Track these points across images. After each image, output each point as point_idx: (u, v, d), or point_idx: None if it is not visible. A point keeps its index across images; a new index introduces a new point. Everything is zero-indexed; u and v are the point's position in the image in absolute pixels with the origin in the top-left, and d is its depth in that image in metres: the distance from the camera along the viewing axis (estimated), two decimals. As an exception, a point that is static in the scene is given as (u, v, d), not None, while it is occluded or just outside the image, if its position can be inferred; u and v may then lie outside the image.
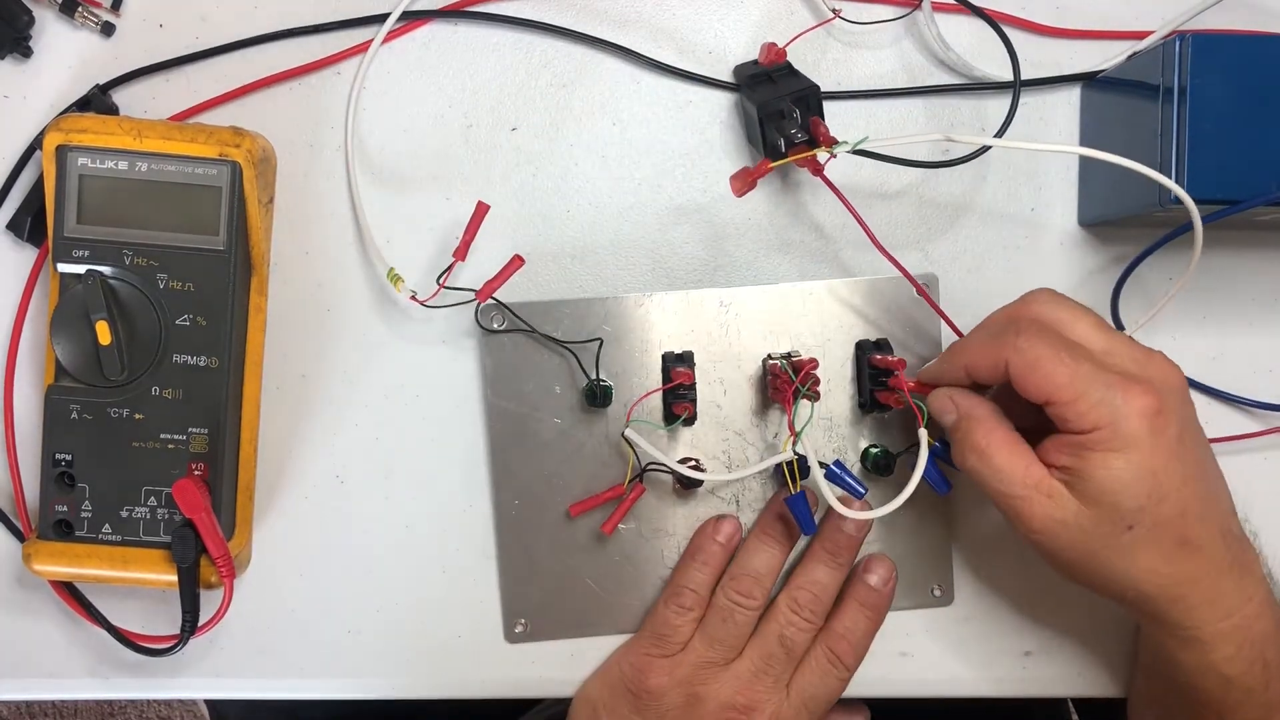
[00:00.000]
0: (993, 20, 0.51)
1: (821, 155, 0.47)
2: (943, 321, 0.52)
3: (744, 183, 0.48)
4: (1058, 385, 0.43)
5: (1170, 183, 0.46)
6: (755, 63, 0.52)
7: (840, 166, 0.53)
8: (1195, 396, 0.55)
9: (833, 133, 0.49)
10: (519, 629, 0.54)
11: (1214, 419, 0.55)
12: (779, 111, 0.49)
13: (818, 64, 0.53)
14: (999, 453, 0.45)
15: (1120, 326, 0.53)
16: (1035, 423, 0.45)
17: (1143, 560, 0.44)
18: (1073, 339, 0.44)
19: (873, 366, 0.52)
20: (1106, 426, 0.42)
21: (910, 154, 0.51)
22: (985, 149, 0.50)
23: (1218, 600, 0.44)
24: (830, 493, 0.47)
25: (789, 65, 0.51)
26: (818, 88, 0.50)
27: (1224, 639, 0.45)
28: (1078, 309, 0.46)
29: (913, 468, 0.48)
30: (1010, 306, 0.47)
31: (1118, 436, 0.42)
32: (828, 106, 0.51)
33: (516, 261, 0.50)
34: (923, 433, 0.48)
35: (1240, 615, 0.45)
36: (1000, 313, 0.47)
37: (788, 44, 0.51)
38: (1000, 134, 0.50)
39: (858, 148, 0.47)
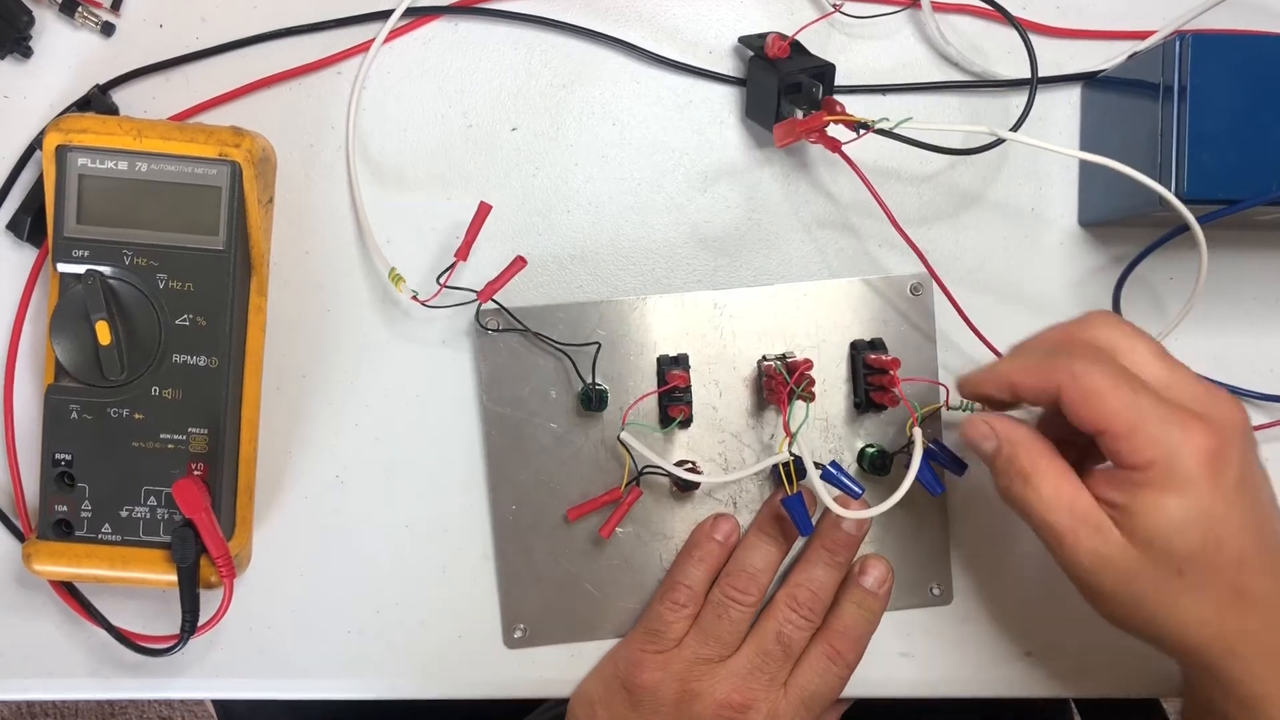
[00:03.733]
0: (1012, 18, 0.51)
1: (850, 132, 0.47)
2: (937, 322, 0.52)
3: (789, 132, 0.47)
4: (1113, 415, 0.41)
5: (1170, 194, 0.46)
6: (760, 38, 0.52)
7: (836, 161, 0.53)
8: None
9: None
10: (518, 634, 0.54)
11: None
12: (796, 85, 0.49)
13: (820, 54, 0.53)
14: (1045, 480, 0.43)
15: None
16: (1078, 452, 0.44)
17: (1193, 609, 0.41)
18: (1130, 368, 0.42)
19: (868, 366, 0.52)
20: (1162, 464, 0.40)
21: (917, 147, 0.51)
22: (1000, 140, 0.49)
23: (1276, 656, 0.42)
24: (826, 493, 0.48)
25: (800, 45, 0.51)
26: (833, 66, 0.50)
27: (1262, 702, 0.42)
28: (1137, 336, 0.44)
29: (908, 467, 0.48)
30: (1064, 327, 0.45)
31: (1173, 476, 0.40)
32: (829, 100, 0.51)
33: (519, 263, 0.50)
34: (917, 432, 0.48)
35: None
36: (1053, 331, 0.46)
37: (794, 35, 0.50)
38: (1016, 128, 0.50)
39: (896, 129, 0.46)
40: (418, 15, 0.52)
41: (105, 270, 0.48)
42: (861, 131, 0.47)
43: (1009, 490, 0.44)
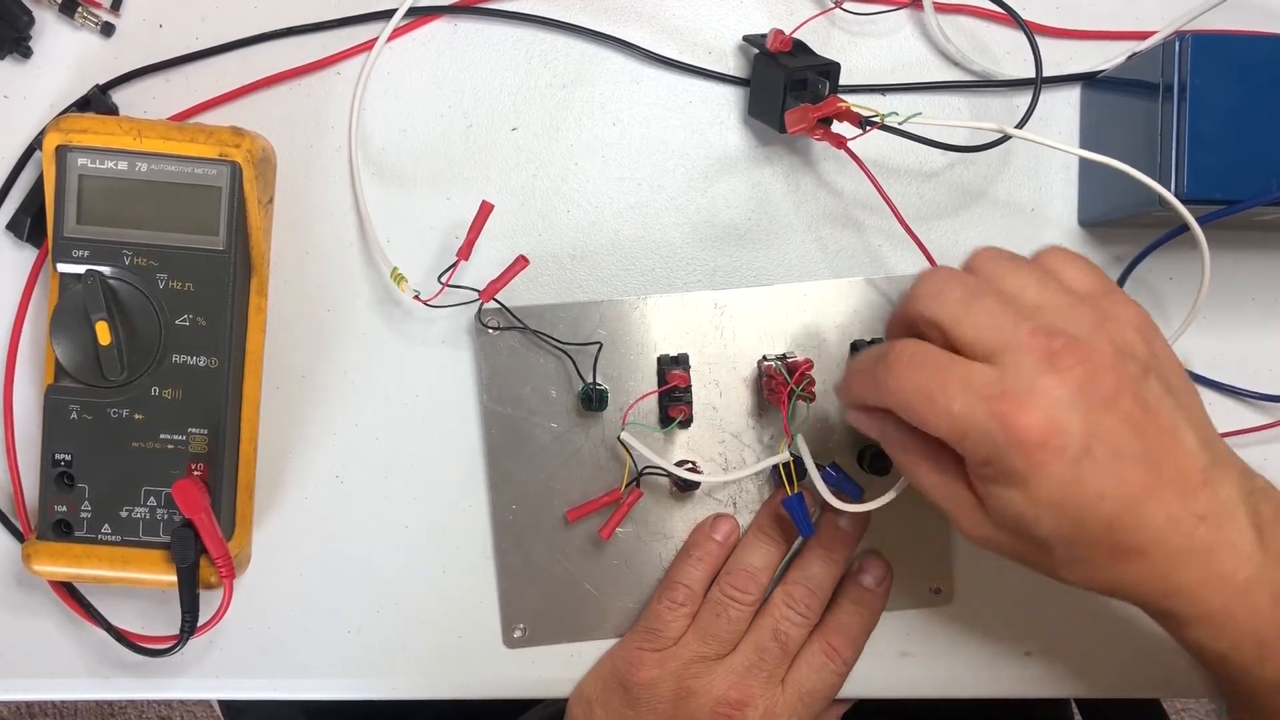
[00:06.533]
0: (1018, 18, 0.51)
1: (855, 129, 0.47)
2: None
3: (802, 119, 0.47)
4: (935, 429, 0.40)
5: (1169, 194, 0.46)
6: (764, 37, 0.52)
7: (838, 161, 0.53)
8: (1200, 392, 0.55)
9: (837, 123, 0.49)
10: (518, 634, 0.54)
11: (1218, 413, 0.55)
12: (802, 81, 0.49)
13: (822, 54, 0.53)
14: (918, 473, 0.43)
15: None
16: None
17: (1077, 572, 0.41)
18: (964, 338, 0.40)
19: (870, 367, 0.51)
20: (993, 464, 0.39)
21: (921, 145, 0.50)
22: (1005, 138, 0.49)
23: (1177, 592, 0.40)
24: (825, 488, 0.48)
25: (803, 44, 0.51)
26: (838, 64, 0.50)
27: (1198, 622, 0.41)
28: (969, 292, 0.41)
29: None
30: (893, 314, 0.44)
31: (1005, 473, 0.39)
32: (828, 98, 0.51)
33: (521, 262, 0.50)
34: None
35: (1213, 601, 0.40)
36: (892, 322, 0.45)
37: (795, 30, 0.51)
38: (1020, 126, 0.50)
39: (904, 124, 0.47)
40: (418, 15, 0.52)
41: (105, 270, 0.48)
42: (868, 127, 0.47)
43: (905, 475, 0.45)
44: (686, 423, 0.52)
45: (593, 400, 0.51)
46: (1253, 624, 0.41)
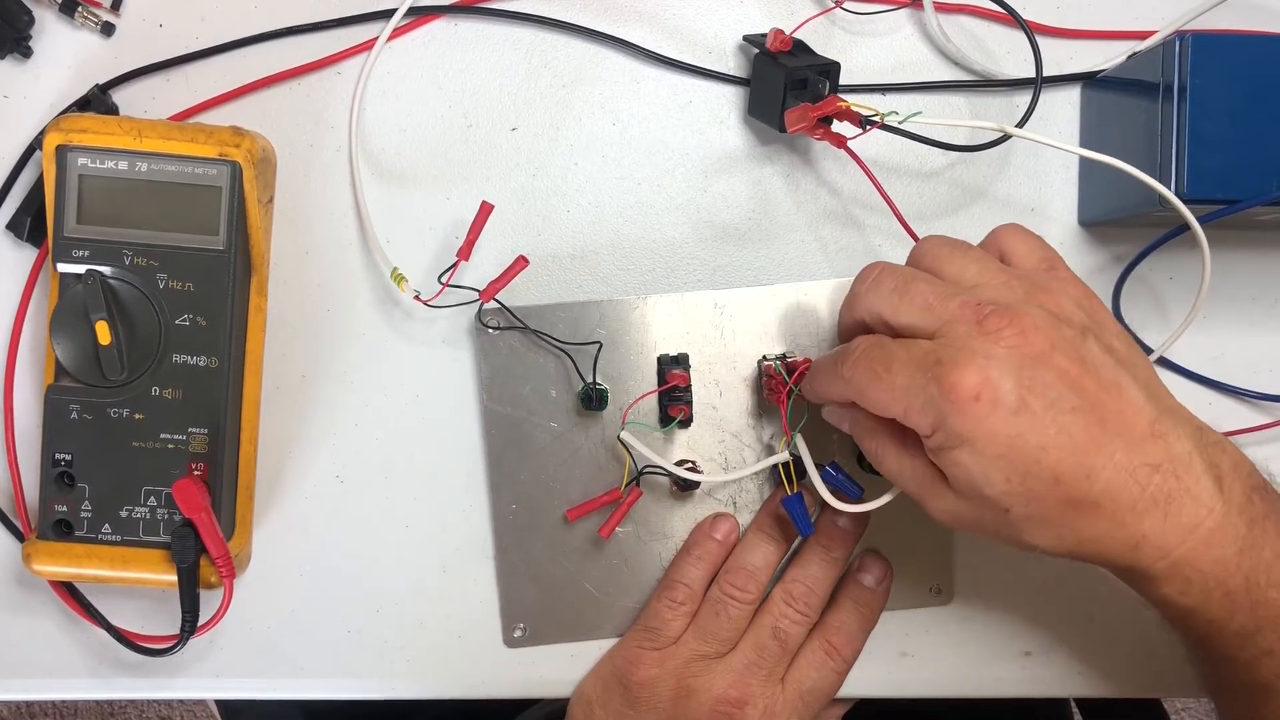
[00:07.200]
0: (1019, 18, 0.51)
1: (855, 129, 0.47)
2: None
3: (802, 118, 0.48)
4: (886, 407, 0.42)
5: (1170, 194, 0.46)
6: (765, 37, 0.52)
7: (838, 160, 0.53)
8: (1200, 392, 0.55)
9: (837, 122, 0.49)
10: (518, 633, 0.54)
11: (1218, 413, 0.55)
12: (802, 80, 0.49)
13: (822, 53, 0.53)
14: (886, 456, 0.44)
15: (1124, 325, 0.53)
16: None
17: (1039, 533, 0.41)
18: (902, 323, 0.43)
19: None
20: (939, 429, 0.40)
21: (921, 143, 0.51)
22: (1006, 137, 0.50)
23: (1142, 544, 0.41)
24: (824, 487, 0.48)
25: (803, 44, 0.51)
26: (838, 64, 0.50)
27: (1167, 576, 0.41)
28: (904, 280, 0.43)
29: None
30: (840, 317, 0.48)
31: (950, 435, 0.40)
32: (828, 97, 0.51)
33: (521, 262, 0.50)
34: None
35: (1179, 552, 0.41)
36: (841, 321, 0.48)
37: (796, 29, 0.51)
38: (1021, 125, 0.51)
39: (904, 123, 0.47)
40: (418, 15, 0.52)
41: (105, 270, 0.48)
42: (868, 126, 0.47)
43: (874, 462, 0.46)
44: (686, 422, 0.52)
45: (593, 400, 0.51)
46: (1219, 575, 0.41)
